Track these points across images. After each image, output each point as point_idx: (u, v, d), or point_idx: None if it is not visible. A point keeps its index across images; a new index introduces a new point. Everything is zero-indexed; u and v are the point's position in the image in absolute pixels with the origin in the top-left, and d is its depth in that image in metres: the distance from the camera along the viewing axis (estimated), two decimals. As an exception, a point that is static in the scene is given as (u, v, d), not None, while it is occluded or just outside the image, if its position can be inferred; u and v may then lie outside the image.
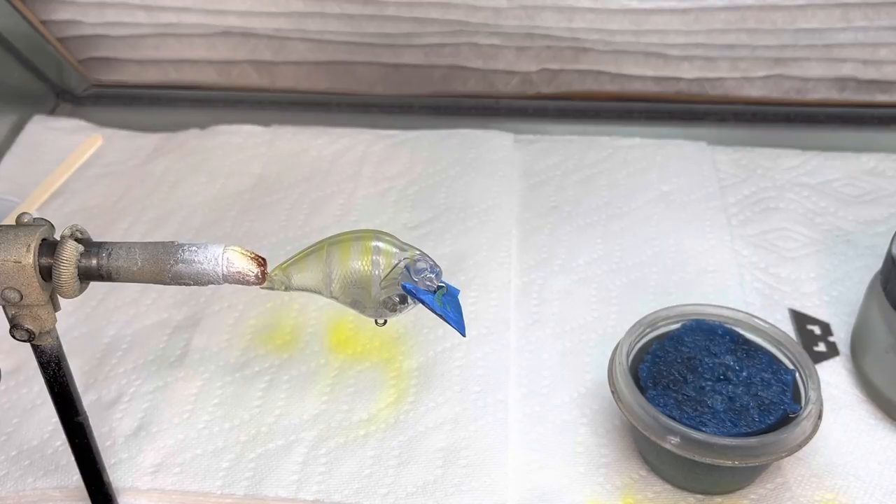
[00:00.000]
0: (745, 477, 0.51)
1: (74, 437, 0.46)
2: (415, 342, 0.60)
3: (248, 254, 0.40)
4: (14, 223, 0.40)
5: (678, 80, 0.82)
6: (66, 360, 0.43)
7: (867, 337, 0.56)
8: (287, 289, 0.43)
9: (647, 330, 0.54)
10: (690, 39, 0.78)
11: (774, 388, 0.50)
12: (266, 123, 0.82)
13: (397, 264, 0.42)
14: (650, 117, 0.83)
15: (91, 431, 0.46)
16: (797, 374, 0.52)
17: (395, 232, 0.45)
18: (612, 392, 0.51)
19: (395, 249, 0.43)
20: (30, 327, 0.41)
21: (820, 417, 0.49)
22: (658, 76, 0.82)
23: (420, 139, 0.79)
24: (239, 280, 0.40)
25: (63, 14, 0.84)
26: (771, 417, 0.49)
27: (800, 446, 0.48)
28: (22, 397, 0.58)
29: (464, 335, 0.44)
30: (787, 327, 0.61)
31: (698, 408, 0.49)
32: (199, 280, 0.40)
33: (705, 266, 0.66)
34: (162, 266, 0.40)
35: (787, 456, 0.48)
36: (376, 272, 0.42)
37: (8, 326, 0.41)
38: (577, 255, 0.67)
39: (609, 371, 0.52)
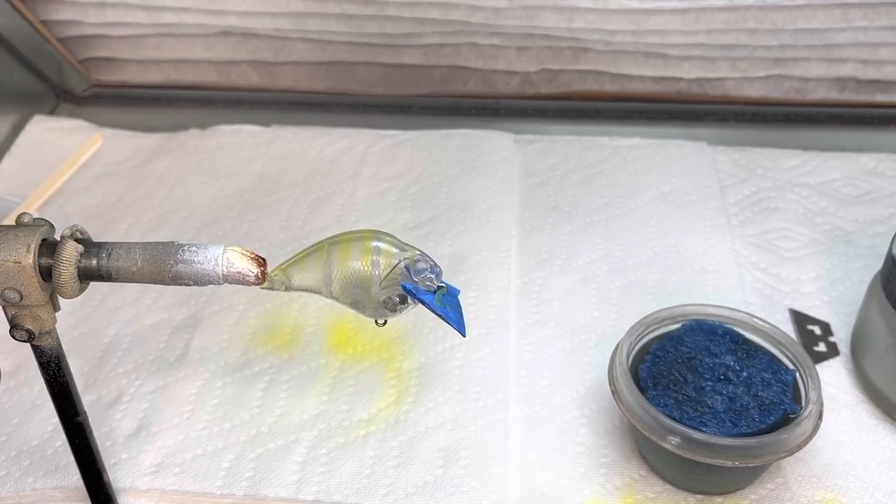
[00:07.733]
0: (745, 477, 0.51)
1: (74, 437, 0.46)
2: (415, 342, 0.60)
3: (248, 254, 0.40)
4: (14, 223, 0.40)
5: (678, 80, 0.82)
6: (66, 360, 0.43)
7: (867, 337, 0.56)
8: (287, 289, 0.43)
9: (647, 330, 0.54)
10: (690, 39, 0.78)
11: (774, 388, 0.50)
12: (266, 123, 0.82)
13: (397, 264, 0.42)
14: (650, 117, 0.83)
15: (91, 431, 0.46)
16: (797, 374, 0.52)
17: (395, 232, 0.45)
18: (612, 392, 0.51)
19: (395, 250, 0.43)
20: (30, 327, 0.41)
21: (820, 417, 0.49)
22: (658, 76, 0.82)
23: (420, 139, 0.79)
24: (239, 280, 0.40)
25: (63, 14, 0.84)
26: (771, 417, 0.49)
27: (800, 446, 0.48)
28: (22, 397, 0.58)
29: (464, 335, 0.44)
30: (787, 327, 0.61)
31: (698, 408, 0.49)
32: (199, 280, 0.40)
33: (705, 266, 0.66)
34: (162, 266, 0.40)
35: (787, 456, 0.48)
36: (376, 272, 0.42)
37: (8, 326, 0.41)
38: (577, 256, 0.67)
39: (609, 371, 0.52)
